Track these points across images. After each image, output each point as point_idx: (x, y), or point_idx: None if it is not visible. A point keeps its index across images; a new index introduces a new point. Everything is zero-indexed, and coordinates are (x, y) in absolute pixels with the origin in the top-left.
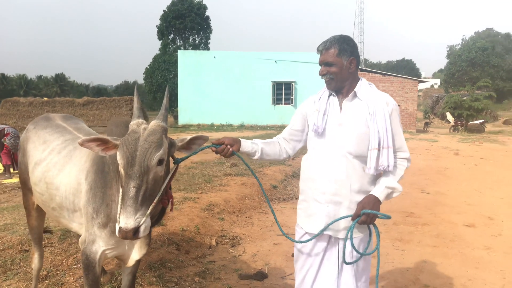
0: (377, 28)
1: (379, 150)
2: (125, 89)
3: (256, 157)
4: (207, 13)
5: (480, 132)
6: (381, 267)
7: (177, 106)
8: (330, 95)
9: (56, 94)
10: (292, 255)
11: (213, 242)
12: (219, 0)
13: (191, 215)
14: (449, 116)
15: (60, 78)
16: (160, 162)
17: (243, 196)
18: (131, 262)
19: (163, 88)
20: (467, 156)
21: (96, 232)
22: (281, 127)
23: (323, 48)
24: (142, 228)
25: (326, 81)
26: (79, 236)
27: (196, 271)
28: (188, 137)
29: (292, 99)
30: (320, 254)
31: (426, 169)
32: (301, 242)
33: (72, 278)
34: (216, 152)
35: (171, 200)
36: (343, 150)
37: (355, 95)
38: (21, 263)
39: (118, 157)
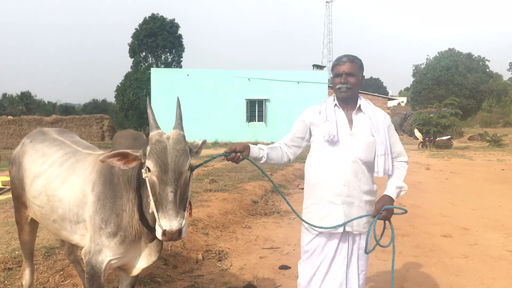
0: (345, 48)
1: (385, 155)
2: (94, 107)
3: (262, 161)
4: (180, 31)
5: (447, 147)
6: (367, 277)
7: None
8: (334, 106)
9: (21, 112)
10: (280, 268)
11: (200, 257)
12: (192, 19)
13: None
14: (417, 133)
15: (26, 96)
16: (189, 167)
17: (225, 212)
18: (136, 271)
19: (135, 106)
20: (438, 170)
21: (104, 242)
22: (255, 144)
23: (348, 60)
24: (184, 229)
25: (343, 90)
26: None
27: (185, 285)
28: (200, 142)
29: (264, 116)
30: (332, 249)
31: None
32: (322, 228)
33: None
34: (227, 159)
35: (189, 205)
36: (353, 157)
37: (360, 109)
38: (6, 282)
39: (151, 165)
